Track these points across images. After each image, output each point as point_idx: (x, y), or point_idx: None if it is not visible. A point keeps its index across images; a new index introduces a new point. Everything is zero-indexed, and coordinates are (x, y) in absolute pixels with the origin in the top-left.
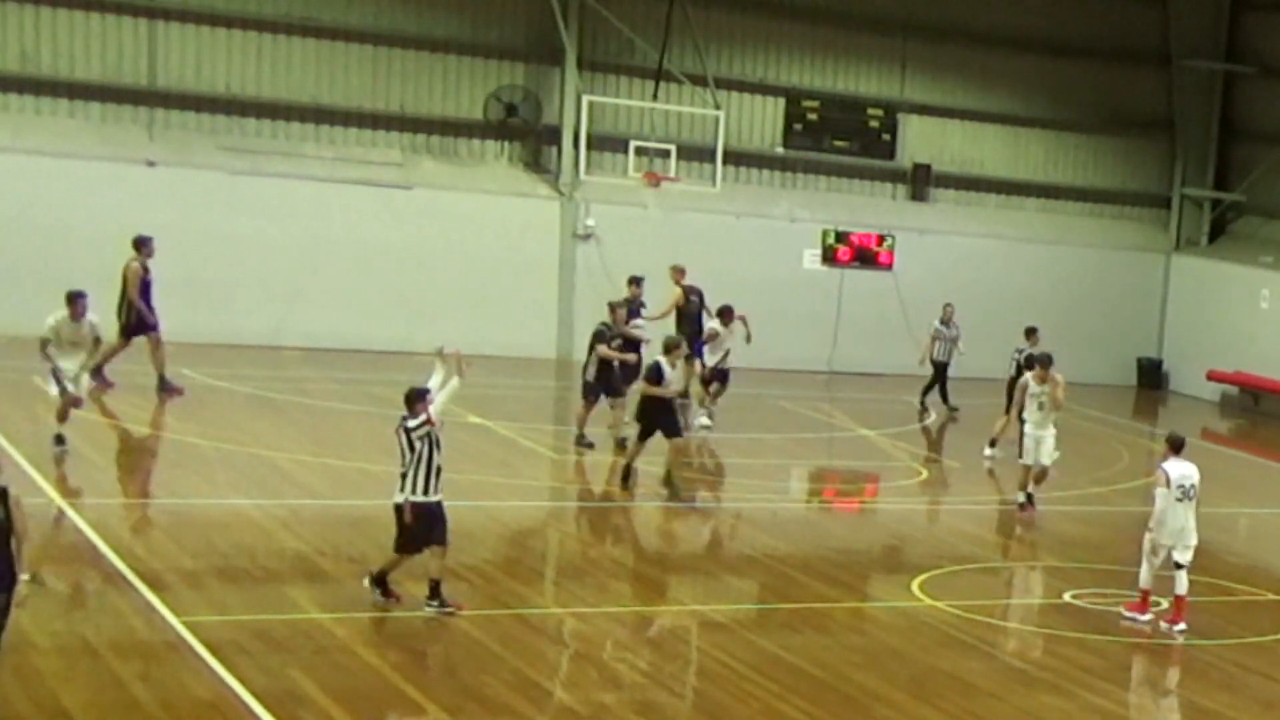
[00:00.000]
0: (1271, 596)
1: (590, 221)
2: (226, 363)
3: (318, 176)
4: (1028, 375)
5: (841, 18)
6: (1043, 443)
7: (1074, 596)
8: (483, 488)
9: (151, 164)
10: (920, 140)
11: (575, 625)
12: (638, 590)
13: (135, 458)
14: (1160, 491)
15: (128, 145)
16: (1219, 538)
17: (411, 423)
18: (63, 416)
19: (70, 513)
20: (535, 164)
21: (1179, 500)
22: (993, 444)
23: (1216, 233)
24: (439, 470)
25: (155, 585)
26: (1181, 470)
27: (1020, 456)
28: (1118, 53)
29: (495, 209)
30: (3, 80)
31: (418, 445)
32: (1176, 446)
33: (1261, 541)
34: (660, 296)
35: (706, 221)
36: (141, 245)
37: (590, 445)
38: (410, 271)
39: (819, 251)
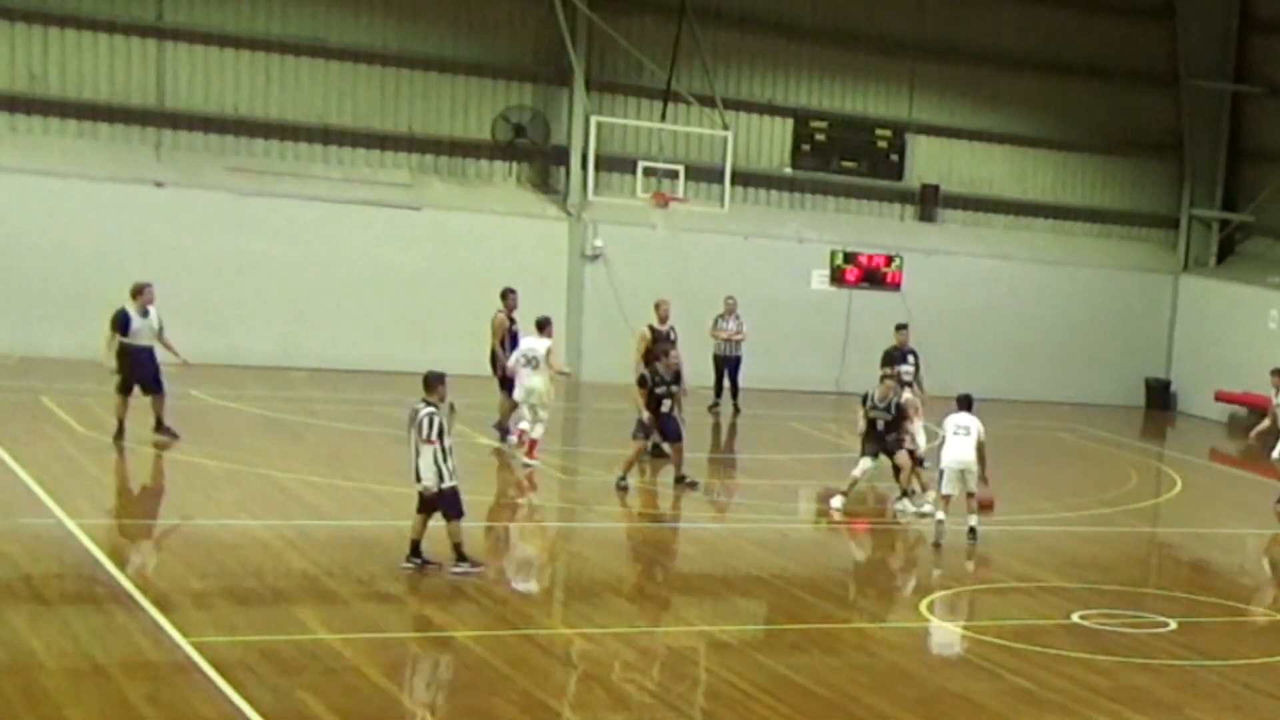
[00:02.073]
0: None
1: (598, 242)
2: (234, 383)
3: (326, 197)
4: None
5: (850, 39)
6: None
7: (1082, 617)
8: (490, 509)
9: (160, 185)
10: (928, 161)
11: (583, 646)
12: (646, 611)
13: (143, 478)
14: None
15: (136, 166)
16: (1227, 558)
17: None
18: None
19: (78, 533)
20: (543, 185)
21: None
22: None
23: (1225, 253)
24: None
25: (163, 605)
26: None
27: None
28: (1126, 73)
29: (503, 230)
30: (11, 101)
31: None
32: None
33: (1269, 562)
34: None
35: (715, 242)
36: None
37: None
38: (418, 292)
39: (827, 272)
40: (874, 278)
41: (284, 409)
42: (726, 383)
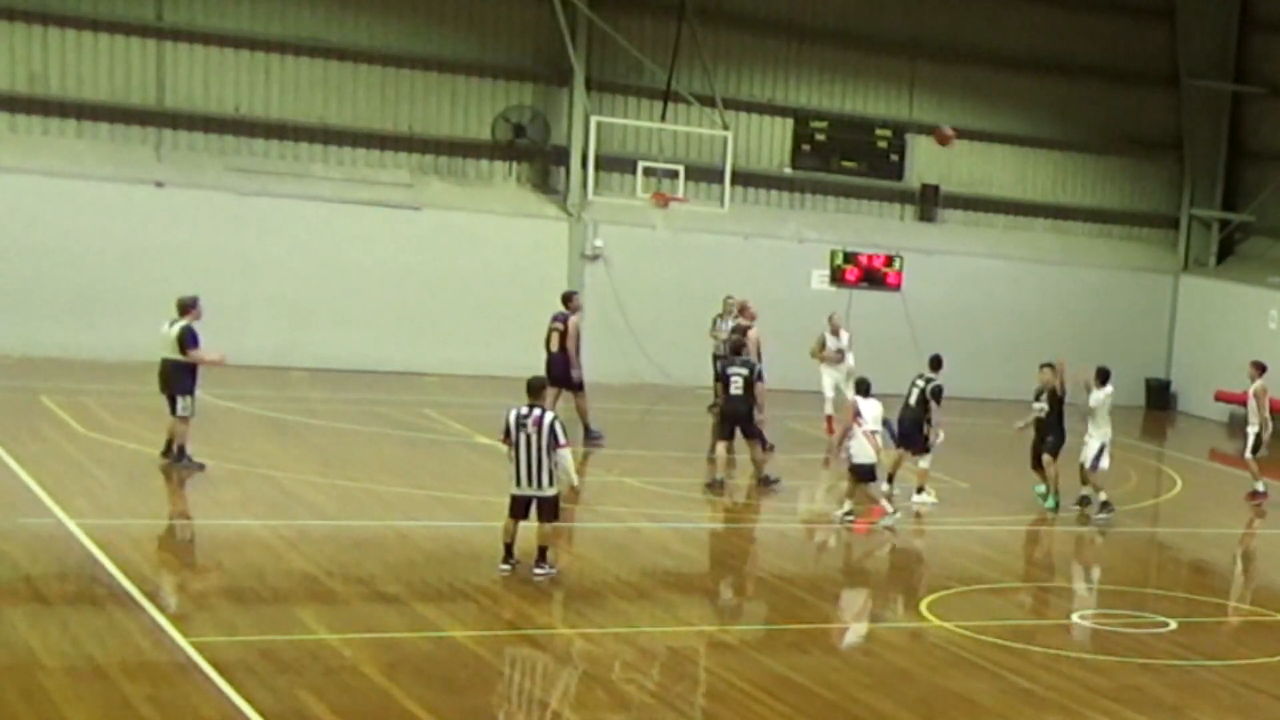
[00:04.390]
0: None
1: (598, 242)
2: (235, 383)
3: (326, 197)
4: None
5: (850, 38)
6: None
7: (1081, 617)
8: (490, 508)
9: (160, 185)
10: (928, 161)
11: (583, 646)
12: (646, 611)
13: (143, 478)
14: None
15: (136, 166)
16: (1226, 558)
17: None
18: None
19: (78, 533)
20: (543, 185)
21: None
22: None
23: (1225, 253)
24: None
25: (163, 606)
26: None
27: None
28: (1126, 73)
29: (503, 230)
30: (11, 101)
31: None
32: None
33: (1269, 562)
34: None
35: (715, 242)
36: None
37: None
38: (418, 292)
39: (827, 272)
40: (874, 278)
41: (284, 409)
42: None
